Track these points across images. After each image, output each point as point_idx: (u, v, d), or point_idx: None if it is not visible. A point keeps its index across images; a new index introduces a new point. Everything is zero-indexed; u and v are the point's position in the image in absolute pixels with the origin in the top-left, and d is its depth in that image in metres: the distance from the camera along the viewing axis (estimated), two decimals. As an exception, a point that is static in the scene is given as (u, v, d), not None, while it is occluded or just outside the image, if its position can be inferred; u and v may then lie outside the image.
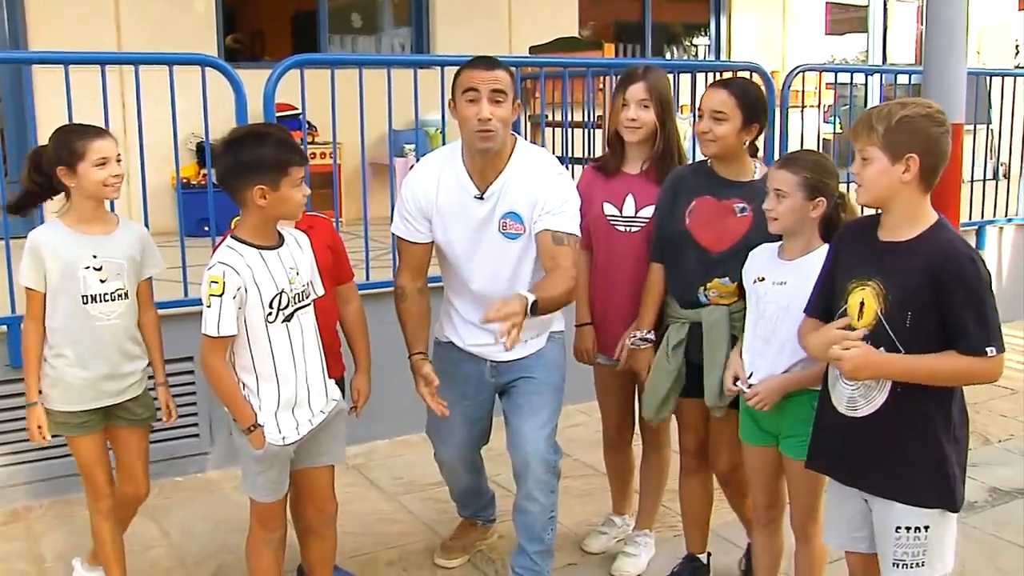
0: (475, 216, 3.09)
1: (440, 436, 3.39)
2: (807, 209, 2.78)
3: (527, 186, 3.05)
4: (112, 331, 3.01)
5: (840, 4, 10.85)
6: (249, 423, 2.70)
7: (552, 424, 3.18)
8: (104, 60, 4.11)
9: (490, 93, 2.92)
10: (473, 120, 2.93)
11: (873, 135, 2.36)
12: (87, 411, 3.02)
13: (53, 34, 6.38)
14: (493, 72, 2.94)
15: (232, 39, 10.44)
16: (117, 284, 3.00)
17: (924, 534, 2.42)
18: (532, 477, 3.11)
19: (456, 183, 3.10)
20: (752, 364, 2.87)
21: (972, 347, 2.32)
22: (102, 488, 3.12)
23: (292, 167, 2.68)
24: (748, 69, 5.79)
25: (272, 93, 4.34)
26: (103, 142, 2.94)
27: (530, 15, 8.34)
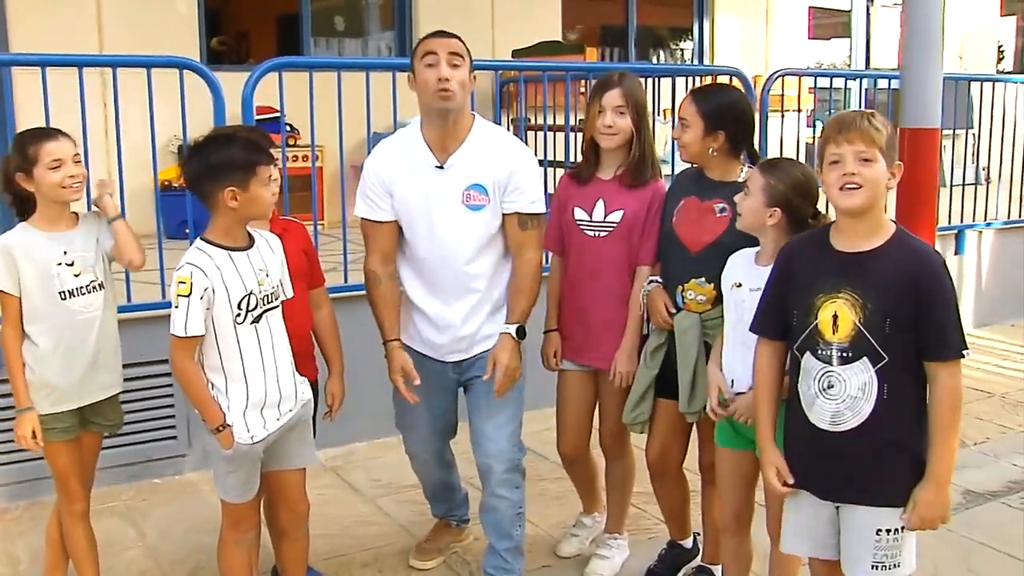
0: (435, 187, 3.11)
1: (408, 429, 3.45)
2: (764, 215, 2.78)
3: (493, 157, 3.11)
4: (92, 324, 3.02)
5: (823, 9, 10.90)
6: (217, 423, 2.71)
7: (514, 423, 3.23)
8: (82, 63, 4.12)
9: (448, 56, 3.00)
10: (432, 81, 2.98)
11: (879, 137, 2.38)
12: (69, 413, 3.03)
13: (34, 36, 6.36)
14: (449, 39, 3.05)
15: (217, 41, 10.43)
16: (91, 276, 3.02)
17: (901, 534, 2.45)
18: (496, 475, 3.17)
19: (415, 155, 3.12)
20: (733, 371, 2.87)
21: (951, 350, 2.37)
22: (78, 492, 3.12)
23: (259, 167, 2.71)
24: (727, 73, 5.83)
25: (251, 96, 4.35)
26: (55, 143, 2.93)
27: (513, 18, 8.35)
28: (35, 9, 6.52)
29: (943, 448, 2.39)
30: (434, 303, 3.21)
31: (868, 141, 2.37)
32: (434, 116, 3.05)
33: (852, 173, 2.38)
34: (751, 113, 3.20)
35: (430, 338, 3.25)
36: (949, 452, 2.40)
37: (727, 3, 9.79)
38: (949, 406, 2.38)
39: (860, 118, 2.40)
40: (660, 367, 3.23)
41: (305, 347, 3.18)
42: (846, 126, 2.40)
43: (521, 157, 3.17)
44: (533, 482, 4.36)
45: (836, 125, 2.44)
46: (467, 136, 3.11)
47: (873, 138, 2.37)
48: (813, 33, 10.75)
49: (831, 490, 2.52)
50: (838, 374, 2.43)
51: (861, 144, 2.38)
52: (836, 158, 2.40)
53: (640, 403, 3.27)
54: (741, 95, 3.26)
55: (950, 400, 2.38)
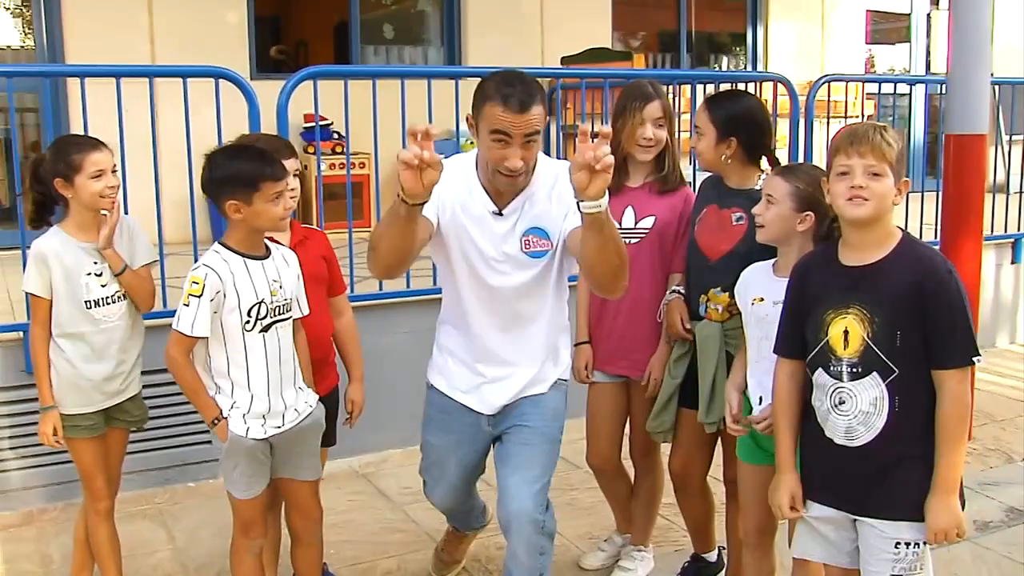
0: (495, 232, 2.82)
1: (433, 478, 3.20)
2: (794, 221, 2.73)
3: (552, 198, 2.81)
4: (115, 332, 3.10)
5: (883, 12, 10.69)
6: (213, 416, 2.75)
7: (543, 480, 2.90)
8: (119, 73, 4.20)
9: (523, 138, 2.60)
10: (501, 164, 2.65)
11: (890, 152, 2.35)
12: (94, 412, 3.11)
13: (89, 47, 6.52)
14: (527, 115, 2.56)
15: (276, 50, 10.63)
16: (116, 287, 3.08)
17: (921, 548, 2.42)
18: (518, 537, 2.83)
19: (473, 196, 2.82)
20: (760, 386, 2.81)
21: (960, 358, 2.34)
22: (102, 490, 3.19)
23: (264, 182, 2.71)
24: (771, 80, 5.75)
25: (285, 104, 4.39)
26: (99, 154, 3.01)
27: (563, 25, 8.33)
28: (89, 22, 6.69)
29: (949, 458, 2.35)
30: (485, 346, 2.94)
31: (879, 156, 2.35)
32: (497, 181, 2.74)
33: (861, 186, 2.35)
34: (766, 119, 3.15)
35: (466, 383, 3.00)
36: (955, 462, 2.35)
37: (782, 8, 9.66)
38: (955, 415, 2.34)
39: (873, 132, 2.37)
40: (684, 376, 3.20)
41: (325, 354, 3.20)
42: (858, 139, 2.37)
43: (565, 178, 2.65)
44: (564, 491, 4.36)
45: (848, 137, 2.40)
46: (527, 184, 2.80)
47: (884, 153, 2.34)
48: (871, 38, 10.54)
49: (849, 503, 2.48)
50: (849, 390, 2.41)
51: (872, 158, 2.35)
52: (845, 169, 2.38)
53: (663, 412, 3.25)
54: (755, 102, 3.23)
55: (956, 409, 2.34)
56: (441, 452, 3.10)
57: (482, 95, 2.62)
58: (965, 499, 2.45)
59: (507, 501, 2.84)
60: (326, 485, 4.43)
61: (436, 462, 3.13)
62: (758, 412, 2.80)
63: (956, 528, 2.36)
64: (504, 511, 2.85)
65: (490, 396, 2.97)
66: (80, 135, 3.15)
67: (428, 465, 3.19)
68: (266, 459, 2.88)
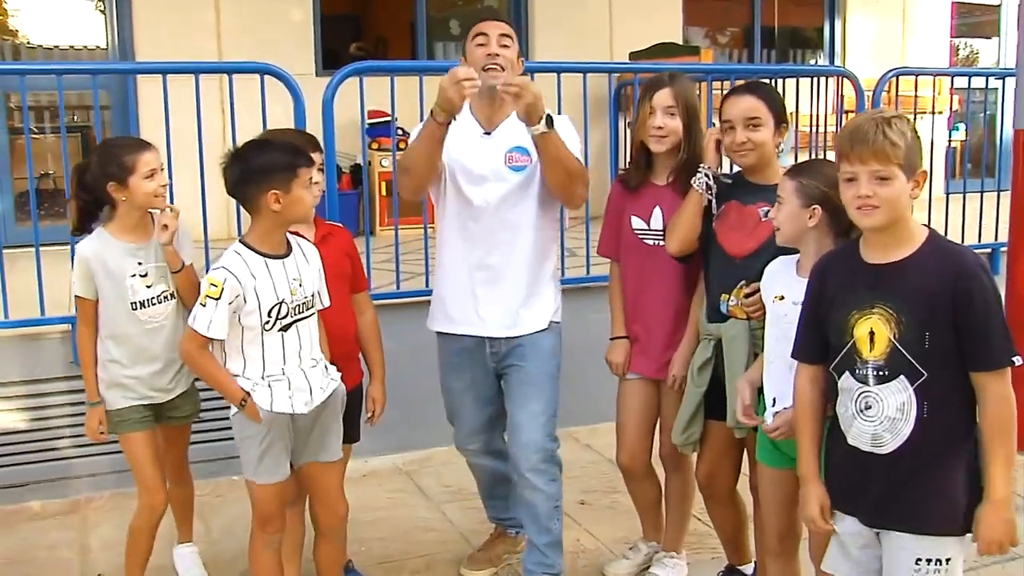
0: (482, 150, 3.20)
1: (458, 420, 3.47)
2: (804, 217, 2.63)
3: None
4: (161, 333, 3.13)
5: (970, 4, 10.31)
6: (239, 398, 2.75)
7: (548, 413, 3.22)
8: (166, 70, 4.26)
9: (498, 37, 3.13)
10: (483, 58, 3.10)
11: (896, 152, 2.21)
12: (144, 406, 3.15)
13: (157, 45, 6.65)
14: (499, 22, 3.21)
15: (356, 46, 10.73)
16: (162, 287, 3.12)
17: (945, 565, 2.27)
18: (529, 465, 3.16)
19: (465, 125, 3.19)
20: (776, 389, 2.71)
21: (998, 359, 2.21)
22: (157, 486, 3.21)
23: (300, 168, 2.73)
24: (837, 74, 5.58)
25: (331, 100, 4.40)
26: (149, 154, 3.05)
27: (631, 19, 8.21)
28: (159, 21, 6.83)
29: (998, 465, 2.21)
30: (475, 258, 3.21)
31: (883, 159, 2.20)
32: (484, 94, 3.10)
33: (868, 195, 2.22)
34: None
35: (465, 311, 3.26)
36: (1005, 468, 2.22)
37: (861, 1, 9.38)
38: (1000, 418, 2.21)
39: (874, 131, 2.21)
40: (708, 385, 3.08)
41: (348, 350, 3.18)
42: (859, 140, 2.23)
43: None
44: (606, 494, 4.29)
45: (848, 139, 2.26)
46: (512, 111, 3.12)
47: (889, 155, 2.20)
48: (956, 32, 10.18)
49: (871, 515, 2.36)
50: (875, 394, 2.28)
51: (875, 163, 2.21)
52: (851, 176, 2.26)
53: (691, 424, 3.15)
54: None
55: (1001, 411, 2.21)
56: (458, 394, 3.40)
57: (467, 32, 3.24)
58: None
59: (517, 433, 3.19)
60: (367, 482, 4.50)
61: (457, 406, 3.43)
62: (771, 418, 2.69)
63: (1009, 540, 2.23)
64: (515, 443, 3.21)
65: (487, 313, 3.23)
66: (125, 137, 3.23)
67: (451, 411, 3.48)
68: (288, 444, 2.86)
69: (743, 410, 2.80)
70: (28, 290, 4.26)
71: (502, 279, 3.22)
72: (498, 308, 3.23)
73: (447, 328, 3.33)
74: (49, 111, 6.79)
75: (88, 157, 3.14)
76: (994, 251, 5.98)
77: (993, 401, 2.21)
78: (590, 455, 4.78)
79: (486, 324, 3.24)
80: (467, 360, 3.32)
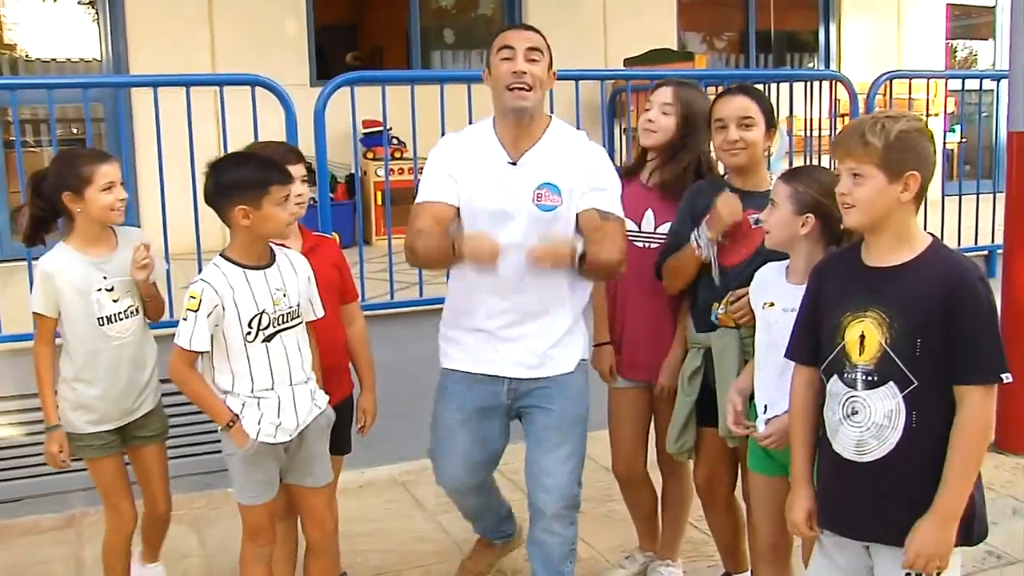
0: (507, 184, 2.86)
1: (447, 456, 3.10)
2: (796, 224, 2.62)
3: (568, 158, 2.89)
4: (128, 348, 3.07)
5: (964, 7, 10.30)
6: (226, 420, 2.73)
7: (576, 458, 2.98)
8: (158, 83, 4.26)
9: (526, 51, 2.81)
10: (507, 75, 2.80)
11: (870, 151, 2.19)
12: (109, 431, 3.08)
13: (150, 58, 6.66)
14: (528, 32, 2.88)
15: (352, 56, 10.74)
16: (129, 301, 3.07)
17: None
18: (553, 511, 2.93)
19: (487, 151, 2.91)
20: (767, 396, 2.69)
21: (984, 373, 2.15)
22: (126, 510, 3.17)
23: (272, 186, 2.69)
24: (831, 78, 5.57)
25: (322, 110, 4.40)
26: (109, 166, 2.99)
27: (626, 26, 8.23)
28: (153, 31, 6.84)
29: (956, 480, 2.16)
30: (499, 300, 2.91)
31: (856, 158, 2.20)
32: (509, 113, 2.85)
33: (843, 193, 2.23)
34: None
35: (483, 350, 2.97)
36: (960, 486, 2.17)
37: (855, 5, 9.39)
38: (971, 435, 2.16)
39: (853, 130, 2.22)
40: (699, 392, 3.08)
41: (338, 361, 3.17)
42: (839, 140, 2.25)
43: (601, 159, 2.95)
44: (601, 502, 4.26)
45: (836, 138, 2.29)
46: (543, 135, 2.91)
47: (860, 154, 2.19)
48: (952, 34, 10.17)
49: (856, 527, 2.31)
50: (863, 399, 2.24)
51: (850, 161, 2.22)
52: (837, 173, 2.27)
53: (683, 433, 3.13)
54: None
55: (974, 428, 2.15)
56: (455, 427, 3.04)
57: (493, 37, 2.92)
58: (987, 528, 2.28)
59: (542, 478, 2.94)
60: (363, 493, 4.49)
61: (449, 440, 3.06)
62: (763, 425, 2.67)
63: (938, 560, 2.17)
64: (539, 487, 2.94)
65: (511, 353, 2.95)
66: (86, 148, 3.17)
67: (439, 446, 3.12)
68: (276, 465, 2.85)
69: (734, 419, 2.78)
70: (23, 304, 4.23)
71: (530, 322, 2.93)
72: (524, 350, 2.95)
73: (464, 367, 3.02)
74: (45, 124, 6.80)
75: (48, 166, 3.06)
76: (990, 253, 5.97)
77: (970, 414, 2.15)
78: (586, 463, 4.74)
79: (508, 364, 2.96)
80: (476, 392, 3.01)
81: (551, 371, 2.97)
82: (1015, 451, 4.59)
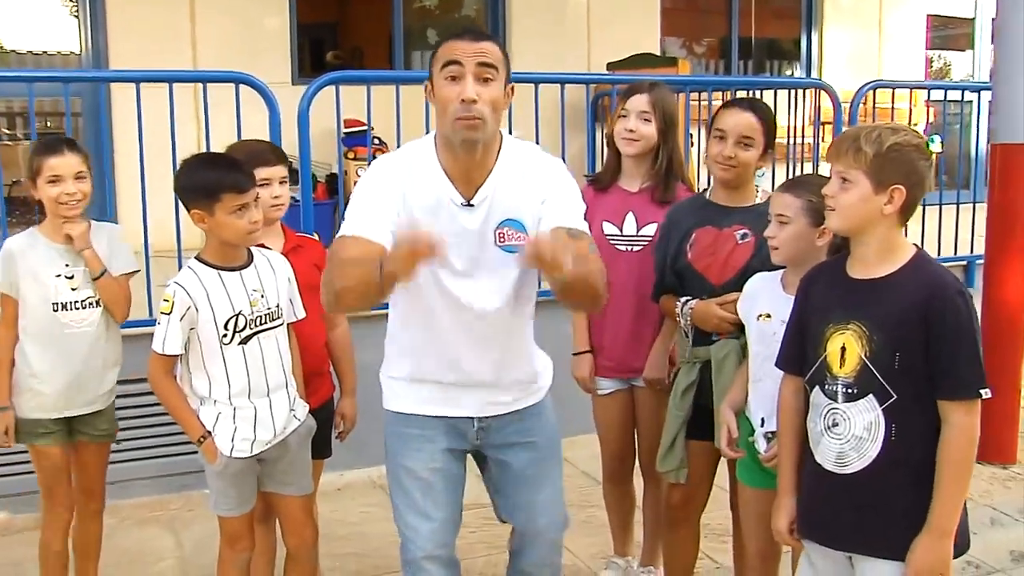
0: (464, 234, 2.39)
1: (423, 515, 2.57)
2: (812, 236, 2.59)
3: (526, 183, 2.43)
4: (82, 339, 3.02)
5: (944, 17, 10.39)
6: (198, 435, 2.70)
7: (560, 486, 2.73)
8: (140, 78, 4.20)
9: (476, 68, 2.28)
10: (454, 102, 2.28)
11: (860, 158, 2.19)
12: (53, 420, 3.04)
13: (132, 54, 6.59)
14: (481, 43, 2.32)
15: (333, 55, 10.67)
16: (88, 292, 3.01)
17: None
18: (546, 546, 2.71)
19: (434, 189, 2.39)
20: (764, 409, 2.67)
21: (964, 389, 2.15)
22: (62, 502, 3.12)
23: (225, 193, 2.63)
24: (815, 86, 5.59)
25: (307, 110, 4.36)
26: (57, 159, 2.94)
27: (610, 31, 8.23)
28: (133, 30, 6.77)
29: (947, 496, 2.16)
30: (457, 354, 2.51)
31: (847, 162, 2.20)
32: (456, 146, 2.35)
33: (829, 195, 2.24)
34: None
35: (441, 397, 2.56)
36: (953, 502, 2.17)
37: (837, 13, 9.44)
38: (959, 450, 2.16)
39: (850, 135, 2.23)
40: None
41: (318, 365, 3.13)
42: (835, 142, 2.25)
43: (558, 175, 2.48)
44: (581, 508, 4.24)
45: (834, 139, 2.31)
46: (496, 162, 2.42)
47: (851, 159, 2.19)
48: (932, 44, 10.25)
49: (837, 538, 2.31)
50: (843, 411, 2.25)
51: (840, 165, 2.22)
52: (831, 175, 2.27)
53: (671, 450, 3.06)
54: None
55: (960, 444, 2.15)
56: (426, 479, 2.56)
57: (436, 45, 2.39)
58: (969, 540, 2.28)
59: (535, 516, 2.66)
60: (342, 496, 4.45)
61: (424, 494, 2.56)
62: (761, 439, 2.66)
63: (939, 574, 2.18)
64: (531, 525, 2.67)
65: (475, 399, 2.55)
66: (52, 138, 3.10)
67: (412, 507, 2.58)
68: (253, 476, 2.82)
69: (727, 443, 2.75)
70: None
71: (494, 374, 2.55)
72: (492, 400, 2.58)
73: (414, 410, 2.58)
74: (22, 117, 6.73)
75: None
76: (969, 264, 6.00)
77: (956, 430, 2.15)
78: (566, 468, 4.69)
79: (473, 406, 2.58)
80: (440, 432, 2.57)
81: (522, 404, 2.64)
82: (992, 461, 4.62)
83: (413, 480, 2.58)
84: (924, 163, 2.22)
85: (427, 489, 2.57)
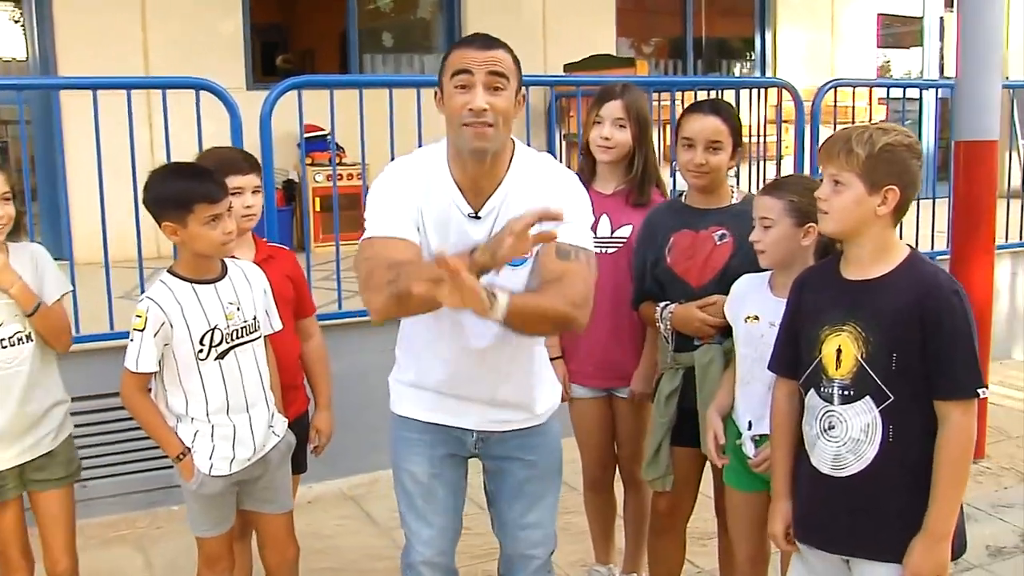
0: (473, 240, 2.26)
1: (423, 520, 2.59)
2: (797, 236, 2.58)
3: (534, 195, 2.31)
4: (14, 380, 2.69)
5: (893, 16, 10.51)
6: (177, 451, 2.61)
7: (554, 516, 2.69)
8: (96, 85, 4.08)
9: (487, 77, 2.23)
10: (463, 111, 2.24)
11: (852, 160, 2.17)
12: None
13: (81, 60, 6.40)
14: (491, 51, 2.26)
15: (283, 59, 10.55)
16: (15, 327, 2.68)
17: None
18: (537, 564, 2.65)
19: (445, 198, 2.36)
20: (752, 412, 2.65)
21: (961, 389, 2.14)
22: (16, 563, 2.83)
23: (198, 204, 2.54)
24: (775, 85, 5.60)
25: (269, 115, 4.27)
26: None
27: (566, 32, 8.19)
28: (81, 35, 6.59)
29: (944, 498, 2.15)
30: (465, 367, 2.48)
31: (839, 164, 2.18)
32: (466, 156, 2.30)
33: (822, 199, 2.22)
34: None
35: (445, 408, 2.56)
36: (950, 504, 2.16)
37: (790, 13, 9.50)
38: (956, 450, 2.15)
39: (841, 136, 2.20)
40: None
41: (292, 378, 3.04)
42: (826, 144, 2.23)
43: (570, 190, 2.42)
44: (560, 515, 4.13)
45: (825, 141, 2.26)
46: (507, 172, 2.37)
47: (843, 161, 2.18)
48: (882, 42, 10.36)
49: (833, 541, 2.29)
50: (839, 414, 2.23)
51: (832, 167, 2.20)
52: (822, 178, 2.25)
53: (656, 457, 3.02)
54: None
55: (958, 444, 2.14)
56: (428, 483, 2.57)
57: (447, 53, 2.35)
58: (966, 541, 2.27)
59: (530, 532, 2.62)
60: (313, 508, 4.36)
61: (425, 500, 2.57)
62: (748, 442, 2.63)
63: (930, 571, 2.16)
64: (524, 542, 2.62)
65: (473, 413, 2.53)
66: None
67: (414, 511, 2.59)
68: (232, 496, 2.74)
69: (715, 450, 2.73)
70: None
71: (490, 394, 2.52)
72: (495, 416, 2.56)
73: (417, 415, 2.59)
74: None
75: None
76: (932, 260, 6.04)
77: (954, 431, 2.14)
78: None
79: (470, 421, 2.56)
80: (440, 439, 2.57)
81: (528, 423, 2.59)
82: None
83: (415, 484, 2.58)
84: (916, 162, 2.21)
85: (428, 495, 2.57)
